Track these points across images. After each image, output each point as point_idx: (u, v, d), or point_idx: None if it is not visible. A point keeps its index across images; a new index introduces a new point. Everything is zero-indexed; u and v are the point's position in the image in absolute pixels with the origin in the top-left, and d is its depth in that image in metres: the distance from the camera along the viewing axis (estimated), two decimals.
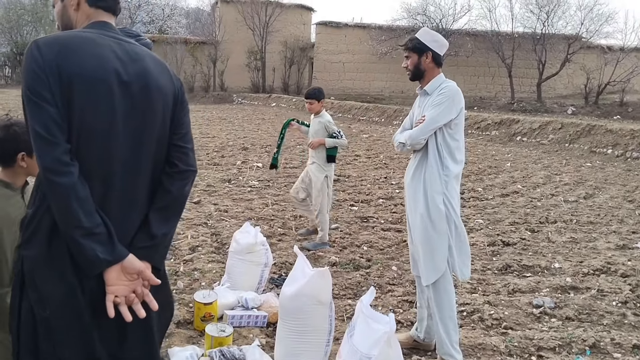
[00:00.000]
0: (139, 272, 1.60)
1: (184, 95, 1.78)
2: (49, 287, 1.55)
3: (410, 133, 2.99)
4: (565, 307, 3.91)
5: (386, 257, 5.04)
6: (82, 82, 1.52)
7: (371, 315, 2.29)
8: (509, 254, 5.10)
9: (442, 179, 2.93)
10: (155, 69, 1.69)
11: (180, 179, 1.73)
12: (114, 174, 1.60)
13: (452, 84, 3.01)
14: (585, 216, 6.62)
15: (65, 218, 1.51)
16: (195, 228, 5.67)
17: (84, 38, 1.58)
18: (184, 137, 1.76)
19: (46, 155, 1.49)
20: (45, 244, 1.55)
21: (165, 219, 1.70)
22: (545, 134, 13.29)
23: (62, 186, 1.49)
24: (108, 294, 1.55)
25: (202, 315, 3.32)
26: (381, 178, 8.99)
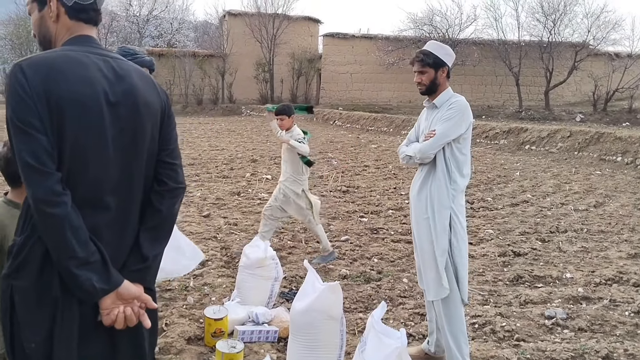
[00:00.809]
0: (135, 297, 1.58)
1: (170, 109, 1.75)
2: (37, 318, 1.50)
3: (420, 147, 2.99)
4: (578, 317, 3.89)
5: (397, 269, 5.03)
6: (71, 108, 1.47)
7: (382, 330, 2.29)
8: (520, 265, 5.08)
9: (449, 192, 2.93)
10: (142, 85, 1.64)
11: (170, 197, 1.70)
12: (106, 198, 1.57)
13: (462, 98, 3.02)
14: (596, 225, 6.58)
15: (59, 249, 1.46)
16: (205, 242, 5.70)
17: (69, 58, 1.52)
18: (172, 152, 1.73)
19: (38, 187, 1.44)
20: (37, 274, 1.50)
21: (156, 239, 1.67)
22: (554, 142, 13.23)
23: (55, 217, 1.44)
24: (104, 317, 1.54)
25: (212, 331, 3.33)
26: (390, 189, 8.99)
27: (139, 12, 34.89)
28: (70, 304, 1.51)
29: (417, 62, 3.02)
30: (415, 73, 3.06)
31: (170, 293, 4.27)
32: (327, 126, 21.89)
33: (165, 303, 4.05)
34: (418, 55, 3.03)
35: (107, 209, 1.57)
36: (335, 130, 20.41)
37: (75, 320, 1.52)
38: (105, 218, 1.57)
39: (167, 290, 4.31)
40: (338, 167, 9.75)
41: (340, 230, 6.37)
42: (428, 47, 3.04)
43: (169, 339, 3.37)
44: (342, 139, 16.79)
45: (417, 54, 3.05)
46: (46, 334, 1.50)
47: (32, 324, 1.50)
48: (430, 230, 2.94)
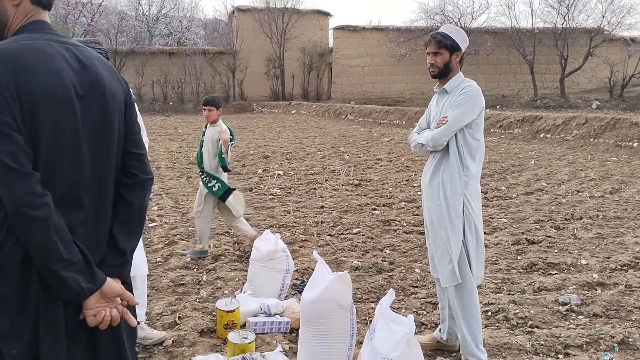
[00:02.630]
0: (117, 294, 1.56)
1: (131, 98, 1.71)
2: (17, 324, 1.45)
3: (433, 134, 2.95)
4: (593, 303, 3.84)
5: (409, 259, 5.01)
6: (44, 105, 1.41)
7: (391, 317, 2.29)
8: (534, 252, 5.03)
9: (462, 179, 2.90)
10: (106, 75, 1.60)
11: (140, 189, 1.68)
12: (82, 195, 1.53)
13: (473, 83, 2.98)
14: (612, 211, 6.49)
15: (44, 252, 1.41)
16: (217, 237, 5.73)
17: (35, 50, 1.45)
18: (137, 142, 1.69)
19: (19, 189, 1.37)
20: (17, 280, 1.44)
21: (130, 233, 1.65)
22: (569, 129, 13.06)
23: (39, 220, 1.39)
24: (88, 317, 1.51)
25: (224, 323, 3.35)
26: (403, 181, 8.95)
27: (148, 11, 35.12)
28: (55, 306, 1.47)
29: (434, 43, 2.95)
30: (429, 55, 2.99)
31: (184, 287, 4.30)
32: (339, 121, 21.85)
33: (178, 297, 4.09)
34: (435, 36, 2.96)
35: (82, 206, 1.53)
36: (347, 124, 20.36)
37: (62, 323, 1.49)
38: (80, 216, 1.53)
39: (181, 285, 4.35)
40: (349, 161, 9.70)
41: (352, 223, 6.36)
42: (445, 30, 2.98)
43: (182, 332, 3.40)
44: (354, 133, 16.75)
45: (434, 34, 2.98)
46: (29, 338, 1.45)
47: (14, 330, 1.44)
48: (443, 217, 2.91)
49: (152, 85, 29.87)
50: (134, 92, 16.58)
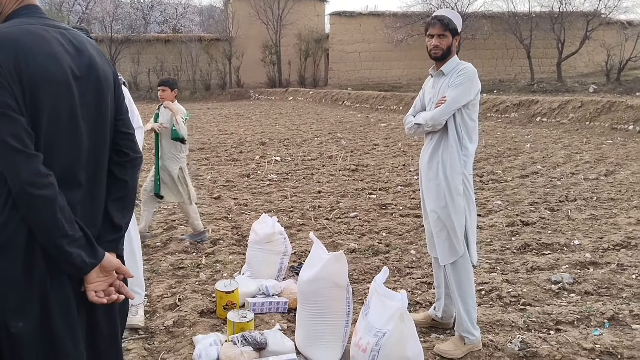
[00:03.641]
0: (116, 268, 1.62)
1: (118, 79, 1.76)
2: (24, 298, 1.49)
3: (432, 114, 2.99)
4: (584, 282, 3.92)
5: (405, 242, 5.09)
6: (44, 87, 1.46)
7: (385, 293, 2.36)
8: (528, 233, 5.11)
9: (461, 158, 2.96)
10: (98, 58, 1.65)
11: (131, 167, 1.73)
12: (79, 174, 1.57)
13: (470, 65, 3.02)
14: (606, 193, 6.56)
15: (50, 229, 1.46)
16: (215, 222, 5.80)
17: (32, 34, 1.49)
18: (126, 122, 1.75)
19: (25, 169, 1.42)
20: (23, 256, 1.48)
21: (124, 209, 1.71)
22: (565, 113, 13.11)
23: (45, 199, 1.44)
24: (88, 292, 1.56)
25: (224, 304, 3.42)
26: (399, 165, 9.00)
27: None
28: (61, 281, 1.53)
29: (440, 25, 2.97)
30: (432, 37, 3.00)
31: (183, 270, 4.37)
32: (336, 107, 21.84)
33: (178, 280, 4.16)
34: (442, 19, 2.98)
35: (79, 185, 1.58)
36: (344, 110, 20.36)
37: (71, 296, 1.55)
38: (78, 194, 1.57)
39: (180, 268, 4.42)
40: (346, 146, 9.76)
41: (349, 207, 6.42)
42: (446, 14, 3.01)
43: (183, 313, 3.47)
44: (351, 119, 16.77)
45: (439, 17, 3.00)
46: (36, 314, 1.50)
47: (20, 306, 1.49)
48: (442, 195, 2.96)
49: (148, 73, 29.75)
50: (130, 80, 16.65)
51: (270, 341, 2.91)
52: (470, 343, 2.96)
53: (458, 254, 2.94)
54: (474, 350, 2.98)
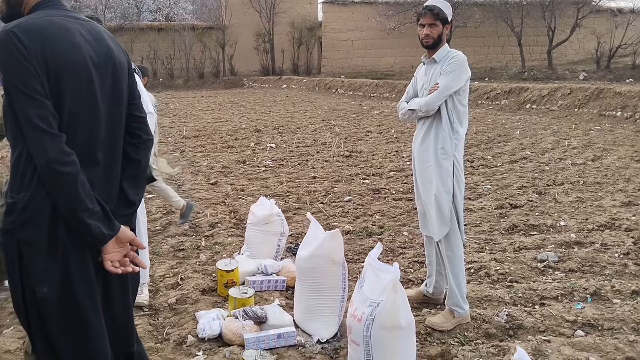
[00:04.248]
0: (130, 240, 1.76)
1: (131, 66, 1.89)
2: (49, 266, 1.63)
3: (426, 100, 3.14)
4: (569, 260, 4.11)
5: (397, 224, 5.25)
6: (67, 74, 1.59)
7: (378, 266, 2.51)
8: (516, 215, 5.29)
9: (452, 142, 3.11)
10: (114, 46, 1.78)
11: (144, 149, 1.87)
12: (98, 154, 1.70)
13: (460, 53, 3.17)
14: (592, 177, 6.76)
15: (73, 203, 1.59)
16: (213, 207, 5.93)
17: (56, 25, 1.61)
18: (139, 106, 1.88)
19: (51, 148, 1.54)
20: (47, 228, 1.62)
21: (137, 186, 1.85)
22: (554, 100, 13.29)
23: (69, 175, 1.57)
24: (106, 262, 1.70)
25: (224, 282, 3.58)
26: (392, 152, 9.15)
27: None
28: (82, 251, 1.67)
29: (431, 15, 3.11)
30: (423, 26, 3.14)
31: (184, 252, 4.52)
32: (329, 95, 21.92)
33: (179, 261, 4.31)
34: (432, 8, 3.11)
35: (97, 163, 1.71)
36: (337, 98, 20.45)
37: (90, 264, 1.69)
38: (97, 173, 1.70)
39: (180, 250, 4.57)
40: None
41: (344, 191, 6.57)
42: (436, 4, 3.14)
43: (185, 291, 3.63)
44: (345, 107, 16.87)
45: (430, 6, 3.13)
46: (59, 279, 1.64)
47: (44, 271, 1.63)
48: (434, 176, 3.12)
49: (141, 61, 29.52)
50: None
51: (270, 315, 3.07)
52: (459, 316, 3.14)
53: (449, 230, 3.10)
54: (462, 323, 3.16)
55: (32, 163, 1.59)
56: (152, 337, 3.11)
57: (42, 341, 1.69)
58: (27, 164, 1.60)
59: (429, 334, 3.09)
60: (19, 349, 2.93)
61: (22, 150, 1.60)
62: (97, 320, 1.71)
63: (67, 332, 1.67)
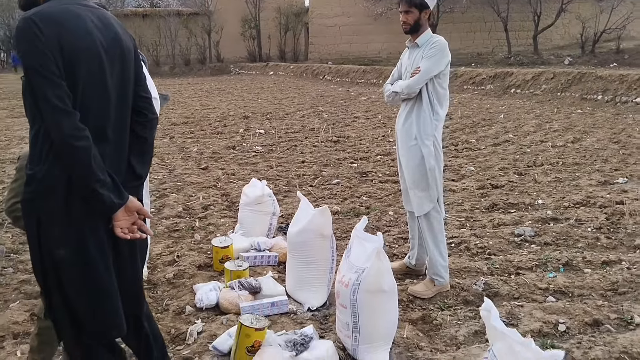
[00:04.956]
0: (137, 209, 1.93)
1: (137, 50, 2.05)
2: (66, 231, 1.80)
3: (408, 83, 3.33)
4: (544, 234, 4.35)
5: (384, 204, 5.47)
6: (80, 57, 1.74)
7: (363, 236, 2.72)
8: (497, 195, 5.53)
9: (432, 123, 3.32)
10: (121, 32, 1.93)
11: (150, 127, 2.04)
12: (108, 131, 1.86)
13: (441, 38, 3.36)
14: (571, 158, 7.02)
15: (87, 175, 1.75)
16: (205, 190, 6.11)
17: (69, 13, 1.77)
18: (145, 87, 2.04)
19: (66, 124, 1.70)
20: (64, 197, 1.78)
21: (144, 162, 2.03)
22: (538, 84, 13.56)
23: (83, 149, 1.72)
24: (116, 228, 1.87)
25: (220, 258, 3.77)
26: (379, 137, 9.35)
27: None
28: (95, 218, 1.86)
29: (405, 2, 3.30)
30: (401, 13, 3.35)
31: (179, 232, 4.70)
32: (317, 81, 22.04)
33: (174, 240, 4.49)
34: None
35: (108, 140, 1.87)
36: (325, 84, 20.59)
37: (102, 230, 1.88)
38: (107, 148, 1.86)
39: (175, 231, 4.75)
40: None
41: (332, 175, 6.77)
42: None
43: (182, 267, 3.81)
44: (332, 93, 17.03)
45: None
46: (75, 242, 1.82)
47: (61, 237, 1.80)
48: (415, 155, 3.32)
49: None
50: None
51: (264, 286, 3.28)
52: (439, 284, 3.37)
53: (430, 206, 3.32)
54: (442, 291, 3.39)
55: (49, 139, 1.76)
56: (152, 308, 3.28)
57: (59, 301, 1.88)
58: (44, 139, 1.77)
59: (411, 301, 3.33)
60: (26, 320, 3.11)
61: (39, 127, 1.77)
62: (109, 280, 1.89)
63: (82, 292, 1.85)
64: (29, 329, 2.98)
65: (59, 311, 1.91)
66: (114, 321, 1.92)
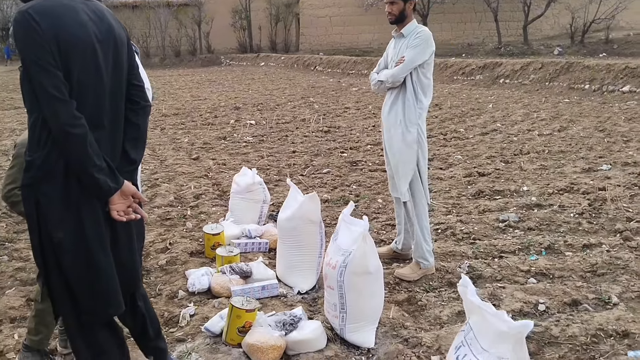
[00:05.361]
0: (132, 193, 2.02)
1: (130, 41, 2.12)
2: (64, 214, 1.88)
3: (393, 72, 3.42)
4: (528, 220, 4.47)
5: (373, 192, 5.57)
6: (75, 49, 1.81)
7: (350, 221, 2.82)
8: (483, 182, 5.64)
9: (416, 111, 3.41)
10: (114, 23, 2.00)
11: (143, 114, 2.12)
12: (103, 119, 1.94)
13: (426, 28, 3.45)
14: (557, 146, 7.15)
15: (83, 160, 1.83)
16: (197, 180, 6.18)
17: (64, 6, 1.84)
18: (137, 76, 2.12)
19: (63, 112, 1.78)
20: (62, 182, 1.87)
21: (138, 147, 2.11)
22: (526, 74, 13.68)
23: (79, 136, 1.80)
24: (112, 211, 1.96)
25: (211, 245, 3.85)
26: (369, 127, 9.44)
27: None
28: (92, 201, 1.94)
29: None
30: (386, 4, 3.44)
31: (171, 221, 4.78)
32: (308, 72, 22.05)
33: (167, 229, 4.57)
34: None
35: (103, 127, 1.95)
36: (316, 75, 20.62)
37: (100, 213, 1.96)
38: (103, 135, 1.94)
39: (168, 219, 4.82)
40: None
41: (322, 164, 6.86)
42: None
43: (174, 254, 3.90)
44: (324, 84, 17.07)
45: None
46: (73, 225, 1.90)
47: (60, 220, 1.88)
48: (401, 141, 3.42)
49: None
50: None
51: (254, 271, 3.37)
52: (425, 267, 3.48)
53: (414, 191, 3.42)
54: (428, 274, 3.50)
55: (47, 127, 1.84)
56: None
57: (57, 281, 1.96)
58: (42, 127, 1.85)
59: (397, 283, 3.44)
60: (23, 306, 3.19)
61: (37, 116, 1.85)
62: (106, 261, 1.97)
63: (80, 272, 1.94)
64: (26, 314, 3.06)
65: (57, 291, 1.99)
66: (112, 300, 2.01)
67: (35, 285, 2.94)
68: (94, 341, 2.03)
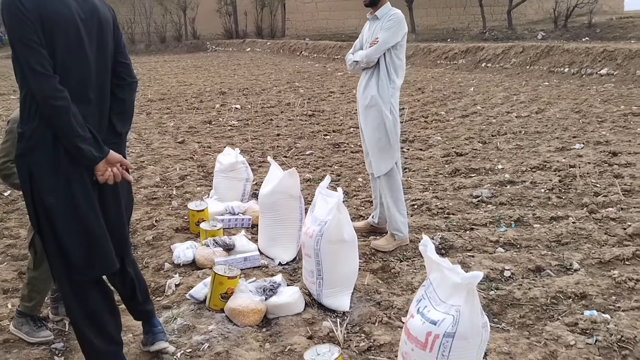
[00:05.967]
0: (119, 161, 2.17)
1: (116, 21, 2.26)
2: (54, 181, 2.03)
3: (367, 52, 3.58)
4: (500, 195, 4.68)
5: (353, 172, 5.75)
6: (58, 27, 1.94)
7: (326, 192, 2.99)
8: (460, 162, 5.84)
9: (389, 90, 3.58)
10: (99, 4, 2.14)
11: (129, 90, 2.26)
12: (89, 94, 2.08)
13: (398, 11, 3.61)
14: (533, 127, 7.36)
15: (67, 131, 1.98)
16: (182, 162, 6.31)
17: None
18: (124, 54, 2.26)
19: (46, 86, 1.92)
20: (51, 151, 2.01)
21: (124, 121, 2.25)
22: (508, 58, 13.88)
23: (62, 108, 1.94)
24: (98, 176, 2.12)
25: (195, 221, 4.00)
26: (353, 110, 9.55)
27: None
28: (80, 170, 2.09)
29: None
30: None
31: (157, 200, 4.92)
32: (293, 57, 22.07)
33: (153, 207, 4.71)
34: None
35: (89, 101, 2.09)
36: (302, 60, 20.65)
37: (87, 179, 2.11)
38: (89, 109, 2.08)
39: (154, 199, 4.96)
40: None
41: (306, 146, 7.01)
42: None
43: (160, 230, 4.06)
44: (309, 69, 17.15)
45: None
46: (63, 191, 2.05)
47: (51, 186, 2.04)
48: (375, 119, 3.59)
49: None
50: None
51: (237, 243, 3.54)
52: (399, 239, 3.67)
53: (389, 167, 3.60)
54: (402, 245, 3.69)
55: (35, 101, 1.99)
56: None
57: (51, 242, 2.12)
58: (31, 101, 2.01)
59: (373, 254, 3.63)
60: (15, 278, 3.34)
61: (27, 91, 2.00)
62: (95, 222, 2.13)
63: (71, 233, 2.09)
64: (18, 286, 3.21)
65: (51, 251, 2.15)
66: (102, 257, 2.17)
67: (26, 259, 3.09)
68: (85, 301, 2.19)
